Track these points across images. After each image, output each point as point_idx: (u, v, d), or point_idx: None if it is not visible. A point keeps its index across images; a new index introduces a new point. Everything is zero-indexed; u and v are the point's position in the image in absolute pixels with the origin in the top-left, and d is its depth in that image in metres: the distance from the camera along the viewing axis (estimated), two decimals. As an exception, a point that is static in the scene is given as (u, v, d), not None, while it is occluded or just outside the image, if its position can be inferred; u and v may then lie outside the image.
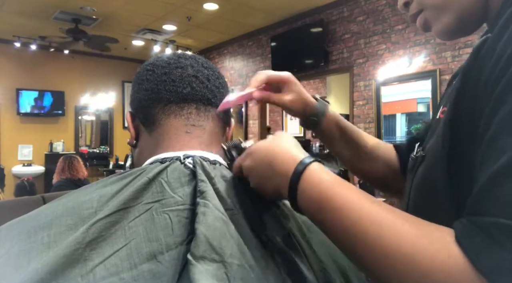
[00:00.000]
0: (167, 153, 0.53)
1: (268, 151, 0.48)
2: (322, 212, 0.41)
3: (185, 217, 0.44)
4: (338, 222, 0.39)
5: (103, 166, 6.64)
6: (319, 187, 0.42)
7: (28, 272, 0.37)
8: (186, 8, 4.59)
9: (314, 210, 0.42)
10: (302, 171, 0.43)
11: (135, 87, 0.59)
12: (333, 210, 0.40)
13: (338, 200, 0.40)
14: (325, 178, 0.42)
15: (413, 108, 3.91)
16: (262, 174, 0.48)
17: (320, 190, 0.42)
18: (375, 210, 0.38)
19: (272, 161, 0.47)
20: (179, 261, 0.40)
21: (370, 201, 0.39)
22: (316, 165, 0.44)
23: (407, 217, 0.37)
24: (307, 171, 0.43)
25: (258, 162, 0.48)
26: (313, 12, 4.75)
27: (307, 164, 0.44)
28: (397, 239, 0.35)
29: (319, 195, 0.41)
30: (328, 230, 0.41)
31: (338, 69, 4.58)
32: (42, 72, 6.27)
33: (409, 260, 0.34)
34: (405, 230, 0.35)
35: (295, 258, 0.48)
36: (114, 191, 0.46)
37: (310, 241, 0.52)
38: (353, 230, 0.38)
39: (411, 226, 0.36)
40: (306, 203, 0.43)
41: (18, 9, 4.60)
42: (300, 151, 0.47)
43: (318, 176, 0.43)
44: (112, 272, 0.38)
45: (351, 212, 0.39)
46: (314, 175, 0.43)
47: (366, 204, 0.39)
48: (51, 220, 0.43)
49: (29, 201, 2.62)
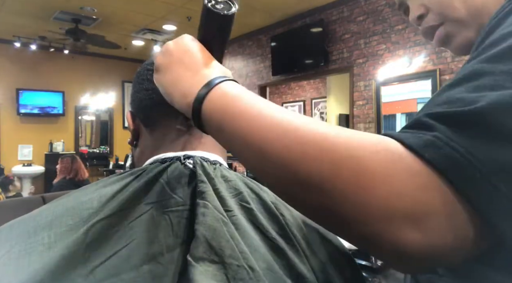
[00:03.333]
0: (168, 153, 0.53)
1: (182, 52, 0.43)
2: (224, 120, 0.36)
3: (185, 217, 0.44)
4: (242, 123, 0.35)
5: (103, 166, 6.64)
6: (225, 97, 0.37)
7: (28, 273, 0.36)
8: (186, 8, 4.59)
9: (217, 120, 0.37)
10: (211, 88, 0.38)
11: (135, 87, 0.59)
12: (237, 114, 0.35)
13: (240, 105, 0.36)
14: (233, 90, 0.38)
15: (413, 108, 3.90)
16: (171, 68, 0.43)
17: (227, 99, 0.37)
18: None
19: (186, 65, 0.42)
20: (179, 262, 0.40)
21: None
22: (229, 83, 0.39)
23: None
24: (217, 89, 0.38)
25: (173, 62, 0.43)
26: (313, 12, 4.75)
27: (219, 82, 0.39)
28: (316, 127, 0.32)
29: (224, 104, 0.37)
30: (232, 136, 0.36)
31: (338, 69, 4.58)
32: (42, 72, 6.27)
33: (331, 145, 0.31)
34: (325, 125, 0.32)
35: (295, 258, 0.48)
36: (114, 191, 0.46)
37: (310, 242, 0.52)
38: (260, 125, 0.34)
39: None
40: (208, 113, 0.38)
41: (18, 9, 4.60)
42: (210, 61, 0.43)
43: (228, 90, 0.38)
44: (112, 273, 0.38)
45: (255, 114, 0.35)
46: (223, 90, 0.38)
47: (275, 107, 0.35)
48: (51, 220, 0.43)
49: (29, 201, 2.63)
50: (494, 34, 0.35)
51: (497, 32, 0.35)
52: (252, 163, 0.35)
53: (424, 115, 0.31)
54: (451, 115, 0.30)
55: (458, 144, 0.28)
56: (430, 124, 0.30)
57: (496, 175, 0.28)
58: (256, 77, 5.66)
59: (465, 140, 0.28)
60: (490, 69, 0.32)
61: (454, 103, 0.31)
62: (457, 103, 0.30)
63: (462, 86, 0.32)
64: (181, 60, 0.43)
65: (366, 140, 0.31)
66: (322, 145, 0.31)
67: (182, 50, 0.44)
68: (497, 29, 0.35)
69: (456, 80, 0.33)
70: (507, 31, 0.33)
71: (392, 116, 4.13)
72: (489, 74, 0.31)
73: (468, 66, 0.34)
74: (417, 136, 0.30)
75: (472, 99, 0.30)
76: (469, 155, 0.28)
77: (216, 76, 0.39)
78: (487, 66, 0.32)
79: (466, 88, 0.31)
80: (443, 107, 0.31)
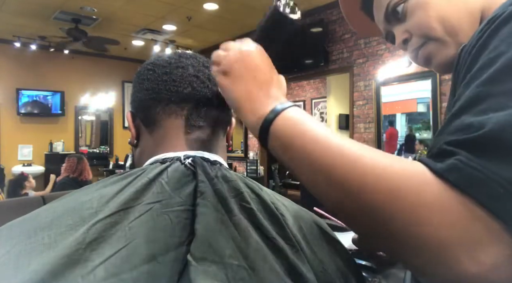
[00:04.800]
0: (168, 153, 0.53)
1: (258, 63, 0.48)
2: (291, 147, 0.41)
3: (185, 217, 0.44)
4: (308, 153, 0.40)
5: (103, 166, 6.64)
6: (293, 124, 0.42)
7: (28, 273, 0.36)
8: (186, 8, 4.59)
9: (283, 144, 0.42)
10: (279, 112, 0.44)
11: (135, 86, 0.59)
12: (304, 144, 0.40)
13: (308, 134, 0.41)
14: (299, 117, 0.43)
15: (413, 108, 3.91)
16: (243, 80, 0.47)
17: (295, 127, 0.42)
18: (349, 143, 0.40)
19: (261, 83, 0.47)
20: (179, 262, 0.40)
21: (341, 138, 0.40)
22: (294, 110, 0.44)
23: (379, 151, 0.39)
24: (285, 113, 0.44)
25: (246, 67, 0.47)
26: (313, 12, 4.75)
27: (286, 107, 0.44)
28: (372, 161, 0.37)
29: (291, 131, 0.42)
30: (297, 162, 0.41)
31: (338, 69, 4.58)
32: (42, 72, 6.27)
33: (382, 174, 0.35)
34: (379, 156, 0.37)
35: (295, 259, 0.48)
36: (114, 191, 0.46)
37: (310, 242, 0.52)
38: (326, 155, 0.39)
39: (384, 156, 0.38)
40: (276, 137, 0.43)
41: (18, 9, 4.60)
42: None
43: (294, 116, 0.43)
44: (112, 273, 0.38)
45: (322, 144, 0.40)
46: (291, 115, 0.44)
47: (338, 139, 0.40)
48: (52, 220, 0.43)
49: (29, 201, 2.63)
50: (482, 58, 0.38)
51: (485, 56, 0.38)
52: (313, 182, 0.40)
53: (444, 143, 0.35)
54: (466, 141, 0.33)
55: (478, 164, 0.32)
56: (451, 151, 0.34)
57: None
58: (256, 77, 5.66)
59: (482, 161, 0.32)
60: (489, 92, 0.35)
61: (466, 130, 0.34)
62: (470, 129, 0.33)
63: (468, 113, 0.35)
64: (254, 77, 0.47)
65: (410, 172, 0.35)
66: (380, 175, 0.35)
67: (255, 64, 0.48)
68: (483, 53, 0.38)
69: (460, 108, 0.36)
70: (493, 55, 0.36)
71: (392, 116, 4.13)
72: (490, 96, 0.34)
73: (467, 93, 0.37)
74: (441, 161, 0.34)
75: (480, 123, 0.33)
76: (489, 172, 0.31)
77: (283, 101, 0.45)
78: (485, 90, 0.35)
79: (472, 114, 0.34)
80: (458, 135, 0.34)
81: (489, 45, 0.38)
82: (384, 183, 0.35)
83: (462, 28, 0.52)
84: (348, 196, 0.37)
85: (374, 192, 0.35)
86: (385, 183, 0.35)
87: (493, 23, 0.39)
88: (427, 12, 0.54)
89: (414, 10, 0.56)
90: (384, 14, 0.60)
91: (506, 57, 0.35)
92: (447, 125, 0.37)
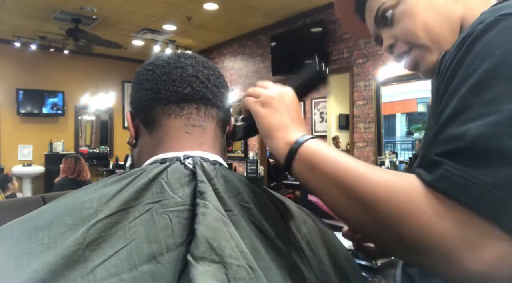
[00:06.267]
0: (167, 153, 0.53)
1: (293, 103, 0.56)
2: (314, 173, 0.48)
3: (185, 217, 0.44)
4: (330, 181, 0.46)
5: (103, 166, 6.64)
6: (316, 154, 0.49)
7: (28, 273, 0.37)
8: (186, 8, 4.59)
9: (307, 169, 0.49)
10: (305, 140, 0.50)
11: (135, 87, 0.59)
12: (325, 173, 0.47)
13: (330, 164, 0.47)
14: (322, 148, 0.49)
15: (413, 108, 3.91)
16: (280, 112, 0.54)
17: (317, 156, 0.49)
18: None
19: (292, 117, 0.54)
20: (179, 262, 0.40)
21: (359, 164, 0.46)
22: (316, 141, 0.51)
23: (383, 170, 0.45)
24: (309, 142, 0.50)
25: (283, 102, 0.55)
26: (313, 12, 4.75)
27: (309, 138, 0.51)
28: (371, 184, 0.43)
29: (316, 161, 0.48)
30: (318, 187, 0.48)
31: (338, 69, 4.58)
32: (42, 72, 6.27)
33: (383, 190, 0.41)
34: (378, 175, 0.43)
35: (295, 259, 0.48)
36: (114, 191, 0.46)
37: (310, 242, 0.52)
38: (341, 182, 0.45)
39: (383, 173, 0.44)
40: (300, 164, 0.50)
41: (18, 9, 4.60)
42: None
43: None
44: (112, 273, 0.38)
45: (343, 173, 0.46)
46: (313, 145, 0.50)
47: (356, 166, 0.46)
48: (51, 220, 0.43)
49: (29, 201, 2.63)
50: (461, 71, 0.42)
51: (463, 70, 0.42)
52: (336, 199, 0.46)
53: (434, 154, 0.40)
54: (450, 152, 0.39)
55: (462, 171, 0.37)
56: (439, 161, 0.39)
57: (497, 187, 0.35)
58: (256, 77, 5.66)
59: (465, 168, 0.37)
60: (468, 104, 0.39)
61: (451, 141, 0.39)
62: (453, 140, 0.39)
63: (452, 125, 0.40)
64: (289, 112, 0.54)
65: (405, 184, 0.41)
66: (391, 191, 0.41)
67: (291, 103, 0.56)
68: (461, 67, 0.43)
69: (446, 119, 0.41)
70: (471, 70, 0.41)
71: (392, 116, 4.13)
72: (469, 108, 0.39)
73: (452, 105, 0.41)
74: (431, 171, 0.39)
75: (462, 134, 0.38)
76: (471, 178, 0.36)
77: (306, 134, 0.52)
78: (464, 102, 0.40)
79: (455, 125, 0.39)
80: (444, 145, 0.39)
81: (465, 62, 0.42)
82: (389, 197, 0.41)
83: (444, 36, 0.57)
84: (363, 208, 0.43)
85: (385, 203, 0.41)
86: (392, 198, 0.41)
87: (466, 40, 0.44)
88: (413, 19, 0.58)
89: (401, 17, 0.60)
90: (374, 19, 0.64)
91: (481, 71, 0.40)
92: (436, 136, 0.41)
